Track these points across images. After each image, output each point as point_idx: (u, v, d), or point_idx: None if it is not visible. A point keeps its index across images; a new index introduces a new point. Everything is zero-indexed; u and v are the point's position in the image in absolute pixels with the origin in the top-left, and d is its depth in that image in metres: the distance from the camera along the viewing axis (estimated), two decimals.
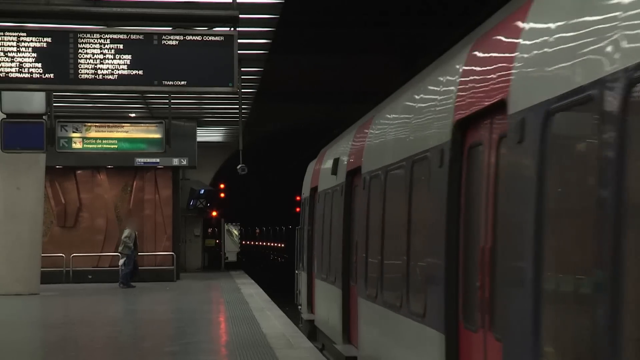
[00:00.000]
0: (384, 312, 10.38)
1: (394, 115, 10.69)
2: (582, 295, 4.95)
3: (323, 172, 17.43)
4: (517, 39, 6.16)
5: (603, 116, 4.51)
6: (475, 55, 7.35)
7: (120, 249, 29.97)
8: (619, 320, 4.35)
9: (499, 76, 6.38)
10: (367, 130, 12.64)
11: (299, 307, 21.45)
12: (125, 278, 29.61)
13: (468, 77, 7.36)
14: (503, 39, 6.60)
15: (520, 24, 6.20)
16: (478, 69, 7.19)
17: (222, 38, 11.98)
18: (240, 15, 12.15)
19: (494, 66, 6.59)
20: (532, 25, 5.95)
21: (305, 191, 20.63)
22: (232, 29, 12.08)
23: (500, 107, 6.28)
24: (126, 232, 29.95)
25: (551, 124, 5.28)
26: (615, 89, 4.37)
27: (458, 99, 7.44)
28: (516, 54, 6.09)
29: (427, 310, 8.15)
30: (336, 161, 15.26)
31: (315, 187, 18.62)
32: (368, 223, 11.79)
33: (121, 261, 29.88)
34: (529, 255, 5.52)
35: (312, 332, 18.40)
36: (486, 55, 7.05)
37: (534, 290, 5.43)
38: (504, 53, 6.41)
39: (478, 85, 7.02)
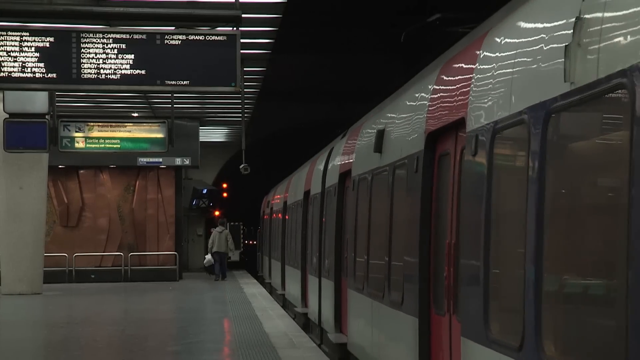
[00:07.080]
0: (316, 280, 17.05)
1: (298, 176, 18.62)
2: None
3: (290, 193, 25.10)
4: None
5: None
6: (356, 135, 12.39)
7: (230, 246, 33.10)
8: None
9: (349, 156, 11.18)
10: (289, 181, 23.01)
11: (260, 273, 38.70)
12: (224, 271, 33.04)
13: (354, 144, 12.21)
14: (373, 126, 11.26)
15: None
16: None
17: (224, 38, 12.00)
18: (243, 15, 12.17)
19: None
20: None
21: (263, 209, 36.25)
22: (234, 28, 12.09)
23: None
24: (228, 232, 33.12)
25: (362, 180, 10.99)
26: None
27: (341, 163, 12.05)
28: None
29: (328, 270, 14.80)
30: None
31: (285, 201, 25.84)
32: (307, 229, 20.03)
33: (209, 256, 32.88)
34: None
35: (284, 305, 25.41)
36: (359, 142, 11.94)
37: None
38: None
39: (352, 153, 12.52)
